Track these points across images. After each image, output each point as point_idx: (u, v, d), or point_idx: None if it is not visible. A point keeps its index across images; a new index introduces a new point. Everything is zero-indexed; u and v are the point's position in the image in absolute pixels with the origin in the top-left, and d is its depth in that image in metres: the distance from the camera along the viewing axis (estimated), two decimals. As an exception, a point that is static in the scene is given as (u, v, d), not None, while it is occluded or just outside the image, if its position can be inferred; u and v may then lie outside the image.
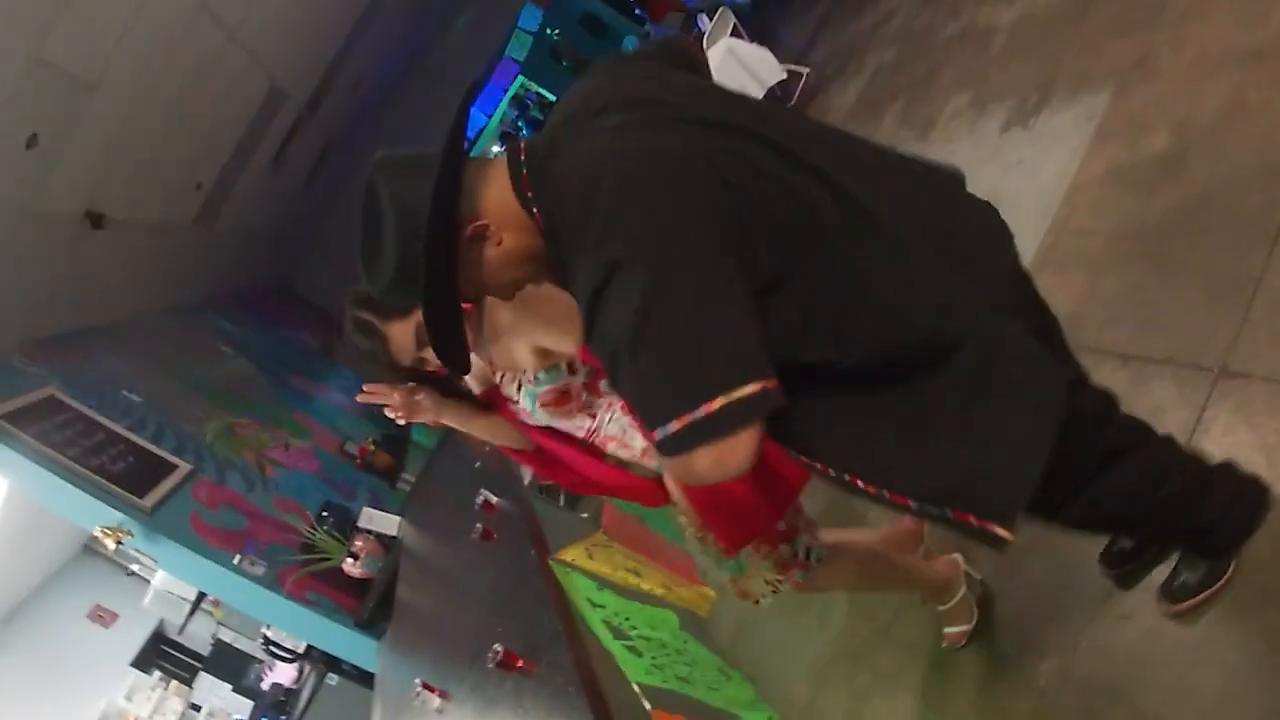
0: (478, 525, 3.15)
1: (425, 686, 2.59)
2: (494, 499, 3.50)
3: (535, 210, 1.46)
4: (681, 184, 1.33)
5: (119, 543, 4.30)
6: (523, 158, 1.48)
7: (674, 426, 1.25)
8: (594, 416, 2.36)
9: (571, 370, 2.32)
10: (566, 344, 2.23)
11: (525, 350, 2.28)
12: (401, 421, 2.37)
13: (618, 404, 2.37)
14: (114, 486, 4.45)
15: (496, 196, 1.48)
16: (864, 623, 3.47)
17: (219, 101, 6.20)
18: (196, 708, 7.69)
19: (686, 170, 1.34)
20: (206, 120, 6.21)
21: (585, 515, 5.57)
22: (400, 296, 1.56)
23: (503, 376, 2.37)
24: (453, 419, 2.41)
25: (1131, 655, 2.35)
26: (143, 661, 7.77)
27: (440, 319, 1.54)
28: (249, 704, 7.54)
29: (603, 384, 2.37)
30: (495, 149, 17.99)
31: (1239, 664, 2.04)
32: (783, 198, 1.38)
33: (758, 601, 2.40)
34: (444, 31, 12.24)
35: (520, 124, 17.80)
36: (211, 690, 7.69)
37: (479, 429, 2.45)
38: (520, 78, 15.81)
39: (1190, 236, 3.05)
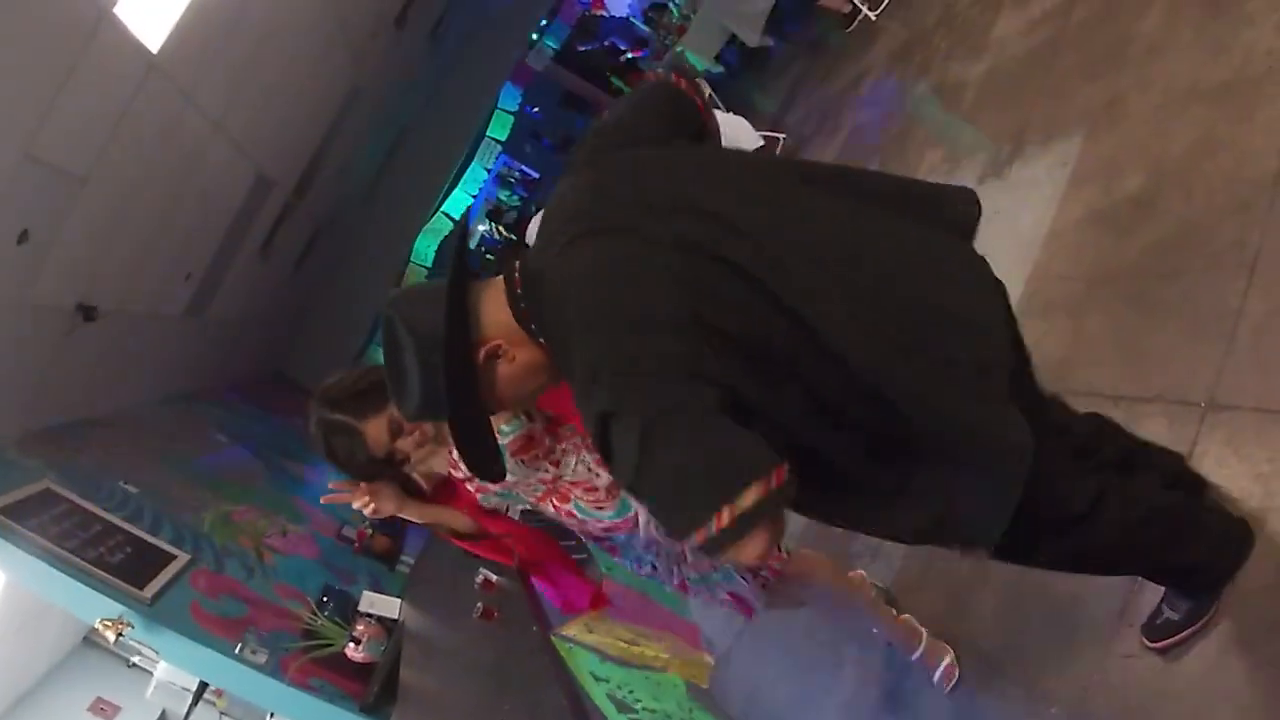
0: (478, 605, 3.15)
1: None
2: (493, 577, 3.50)
3: (540, 340, 1.57)
4: (646, 310, 1.43)
5: (120, 634, 4.25)
6: (518, 289, 1.58)
7: (697, 540, 1.33)
8: (557, 464, 2.48)
9: (530, 418, 2.47)
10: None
11: None
12: (368, 514, 2.45)
13: (582, 447, 2.50)
14: (113, 578, 4.41)
15: (502, 317, 1.58)
16: (872, 686, 3.45)
17: (207, 192, 6.28)
18: (201, 803, 7.54)
19: (652, 299, 1.44)
20: (195, 211, 6.28)
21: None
22: (430, 416, 1.71)
23: (459, 459, 2.42)
24: (413, 512, 2.51)
25: (1141, 694, 2.34)
26: (148, 756, 7.63)
27: (469, 434, 1.65)
28: (254, 796, 7.40)
29: (563, 429, 2.53)
30: (482, 228, 18.19)
31: (1248, 697, 2.04)
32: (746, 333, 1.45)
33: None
34: (428, 111, 12.40)
35: (504, 200, 18.01)
36: (216, 783, 7.55)
37: (434, 516, 2.58)
38: (503, 157, 16.06)
39: (1169, 274, 3.08)
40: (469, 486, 2.52)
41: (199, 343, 7.88)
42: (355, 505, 2.41)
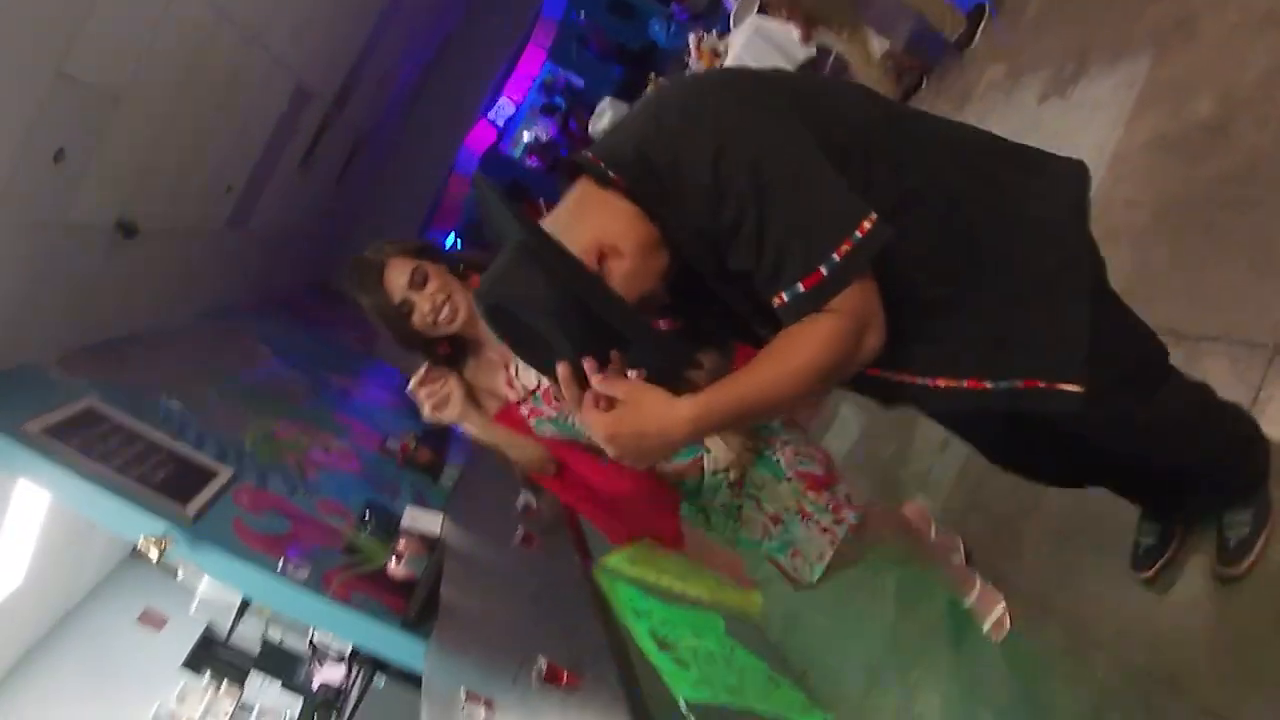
0: (519, 530, 3.12)
1: (470, 697, 2.55)
2: (534, 502, 3.47)
3: (612, 174, 1.47)
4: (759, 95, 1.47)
5: (163, 552, 4.31)
6: (599, 164, 1.50)
7: (816, 276, 1.37)
8: None
9: None
10: None
11: None
12: (428, 414, 2.31)
13: None
14: (156, 496, 4.46)
15: (591, 211, 1.50)
16: (912, 616, 3.41)
17: (245, 104, 6.19)
18: (247, 708, 7.74)
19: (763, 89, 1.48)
20: (234, 123, 6.20)
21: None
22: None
23: (517, 371, 2.31)
24: (476, 424, 2.34)
25: (1190, 643, 2.28)
26: (194, 663, 7.81)
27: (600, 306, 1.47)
28: (299, 700, 7.57)
29: None
30: (526, 135, 17.99)
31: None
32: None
33: (813, 567, 2.38)
34: (469, 19, 12.17)
35: (556, 101, 17.73)
36: (261, 689, 7.73)
37: (500, 438, 2.37)
38: (548, 64, 15.76)
39: (1240, 206, 2.94)
40: (522, 411, 2.35)
41: (241, 256, 7.88)
42: (419, 396, 2.29)
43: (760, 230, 1.38)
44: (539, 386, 2.26)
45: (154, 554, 4.26)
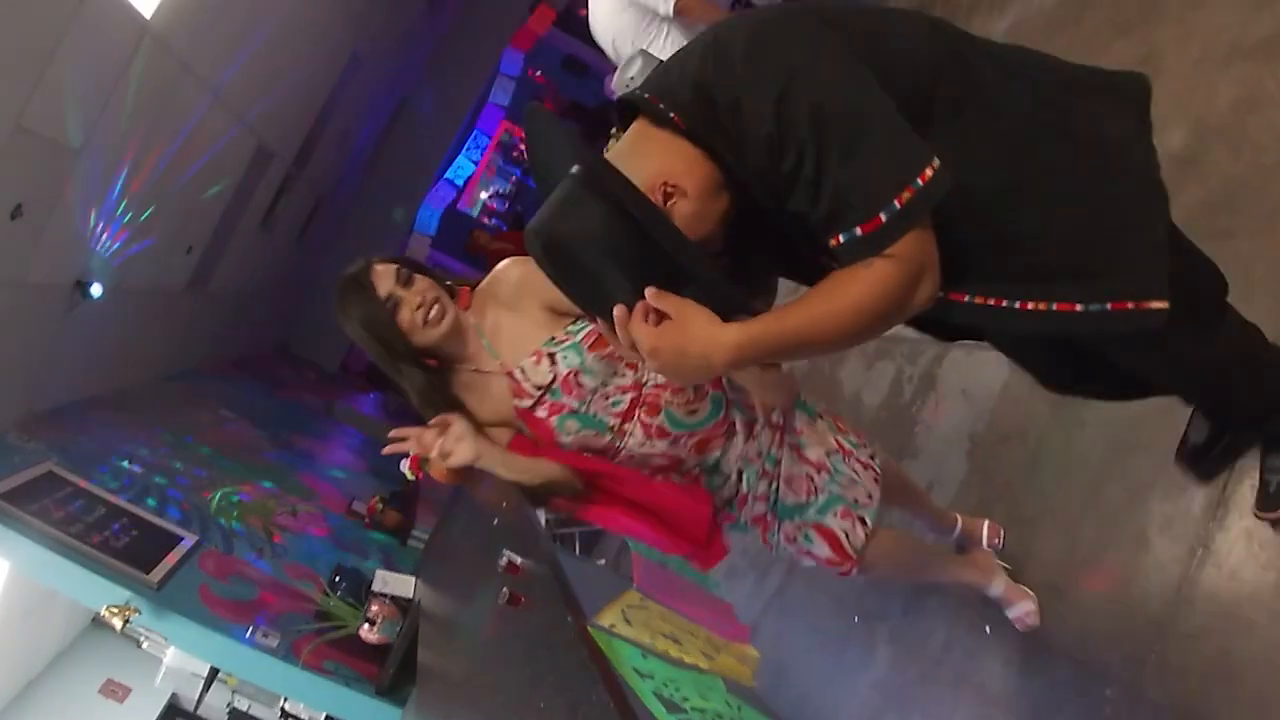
0: (503, 590, 2.99)
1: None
2: (518, 560, 3.34)
3: (672, 114, 1.47)
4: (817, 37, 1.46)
5: (126, 621, 4.16)
6: (657, 104, 1.49)
7: (875, 222, 1.36)
8: (635, 367, 2.24)
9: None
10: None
11: (537, 318, 2.24)
12: (442, 463, 2.17)
13: None
14: (118, 563, 4.31)
15: (653, 151, 1.50)
16: (910, 658, 3.34)
17: (207, 163, 6.12)
18: (213, 782, 7.49)
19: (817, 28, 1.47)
20: (195, 182, 6.13)
21: (602, 562, 5.43)
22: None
23: (524, 373, 2.22)
24: (493, 458, 2.18)
25: (1204, 674, 2.24)
26: (161, 734, 7.58)
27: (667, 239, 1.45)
28: (269, 774, 7.33)
29: None
30: (483, 194, 17.99)
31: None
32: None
33: (868, 511, 2.35)
34: (428, 79, 12.21)
35: (509, 168, 17.80)
36: (230, 763, 7.49)
37: (522, 467, 2.23)
38: (506, 123, 15.82)
39: (1218, 234, 2.95)
40: (539, 414, 2.21)
41: (201, 318, 7.76)
42: (429, 453, 2.14)
43: (819, 175, 1.38)
44: (554, 380, 2.19)
45: (117, 623, 4.10)
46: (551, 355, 2.21)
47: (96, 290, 5.14)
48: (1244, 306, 2.62)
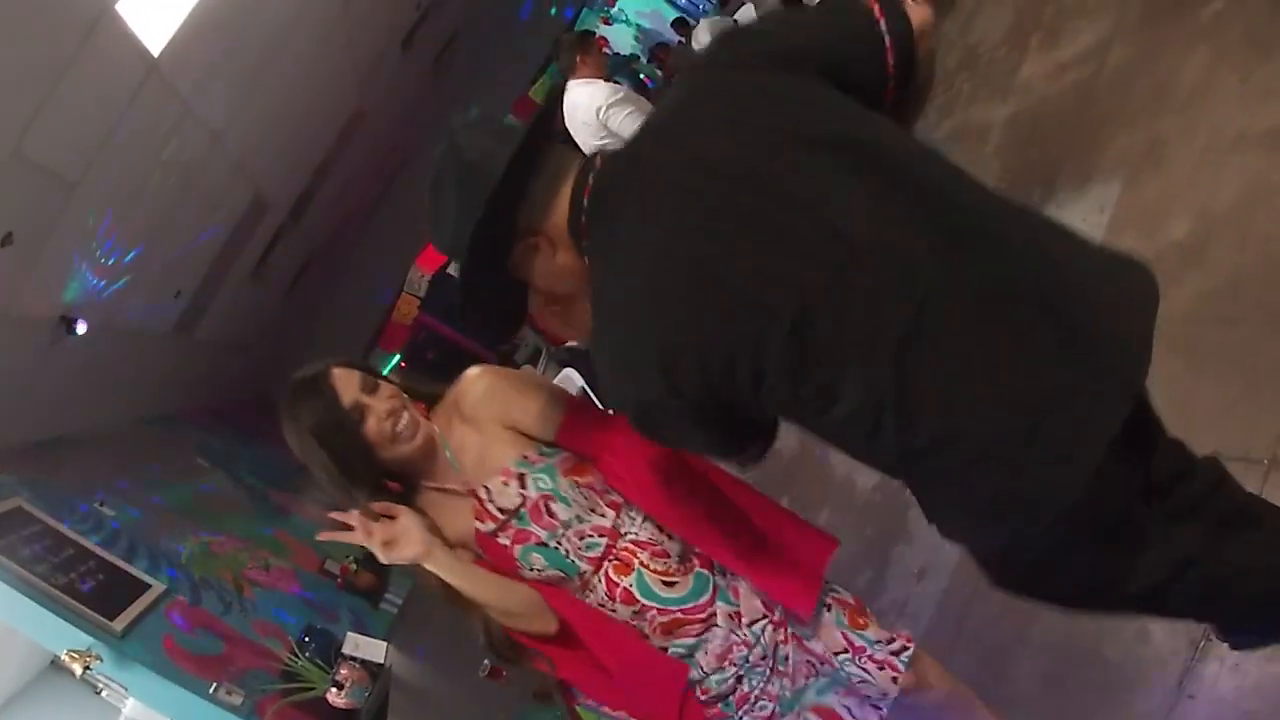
0: (485, 663, 2.90)
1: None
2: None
3: (585, 258, 1.48)
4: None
5: (87, 668, 4.00)
6: (586, 199, 1.44)
7: None
8: (616, 509, 1.95)
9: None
10: (536, 418, 1.98)
11: (504, 436, 1.98)
12: (380, 552, 1.84)
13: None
14: (83, 607, 4.16)
15: (558, 220, 1.49)
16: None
17: (202, 208, 6.11)
18: (165, 847, 7.19)
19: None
20: (189, 227, 6.10)
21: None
22: (455, 256, 1.54)
23: (489, 493, 1.94)
24: (446, 565, 1.85)
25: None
26: (113, 789, 7.29)
27: (480, 293, 1.59)
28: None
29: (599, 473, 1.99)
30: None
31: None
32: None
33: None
34: (429, 143, 12.31)
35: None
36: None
37: (485, 587, 1.88)
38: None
39: (1224, 324, 2.94)
40: (501, 540, 1.92)
41: (185, 363, 7.69)
42: (371, 543, 1.84)
43: None
44: (522, 504, 1.91)
45: (77, 669, 3.95)
46: (521, 476, 1.94)
47: (81, 327, 5.07)
48: (1256, 395, 2.60)
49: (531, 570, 1.90)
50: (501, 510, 1.91)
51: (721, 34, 1.58)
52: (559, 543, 1.90)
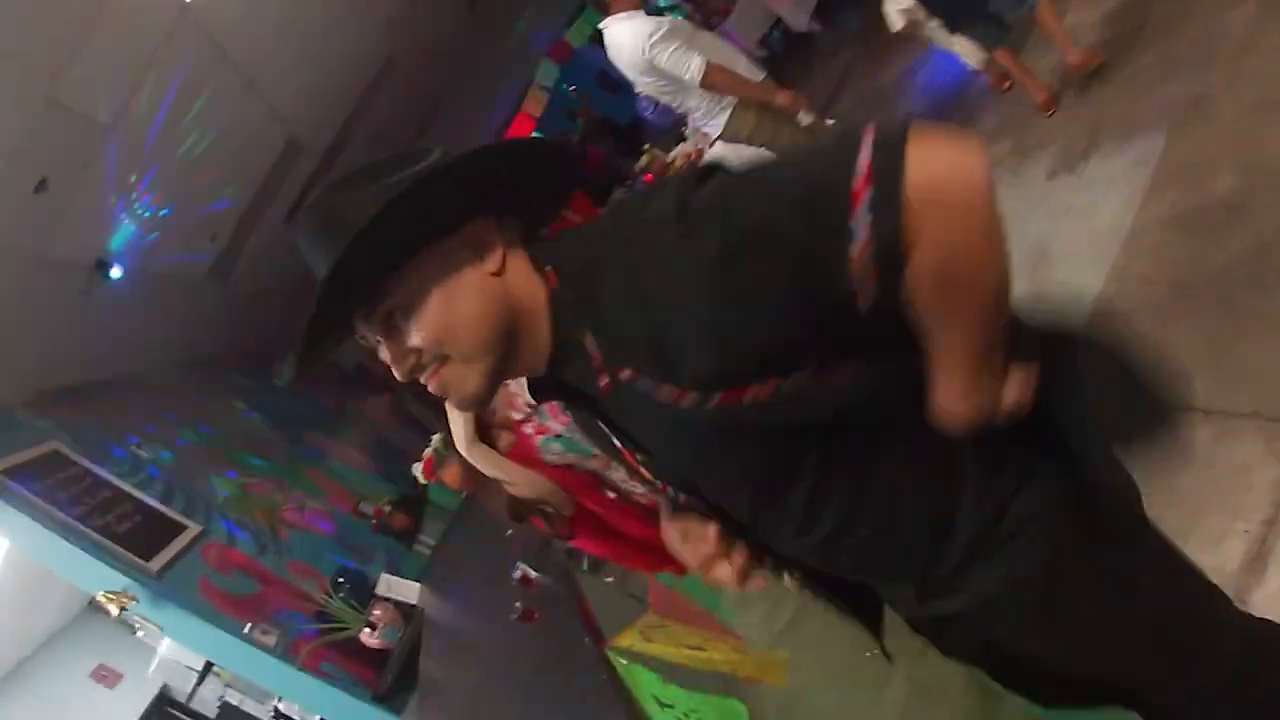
0: (516, 604, 2.92)
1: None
2: (532, 574, 3.28)
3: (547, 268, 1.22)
4: None
5: (123, 609, 4.08)
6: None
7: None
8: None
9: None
10: None
11: None
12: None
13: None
14: (119, 548, 4.23)
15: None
16: (919, 702, 3.24)
17: (236, 151, 6.09)
18: (200, 778, 7.41)
19: None
20: (223, 170, 6.09)
21: (610, 579, 5.34)
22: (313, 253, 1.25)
23: (519, 389, 2.16)
24: (481, 457, 2.17)
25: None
26: (148, 726, 7.49)
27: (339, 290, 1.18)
28: (255, 775, 7.24)
29: None
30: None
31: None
32: None
33: None
34: (462, 82, 12.20)
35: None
36: (218, 760, 7.40)
37: (508, 472, 2.17)
38: (537, 134, 15.81)
39: (1264, 282, 2.88)
40: (526, 429, 2.15)
41: (222, 307, 7.70)
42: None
43: None
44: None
45: (113, 610, 4.03)
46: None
47: (116, 271, 5.10)
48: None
49: (550, 455, 2.13)
50: (528, 404, 2.13)
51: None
52: (573, 434, 2.10)
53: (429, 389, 1.25)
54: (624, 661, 2.15)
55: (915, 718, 3.18)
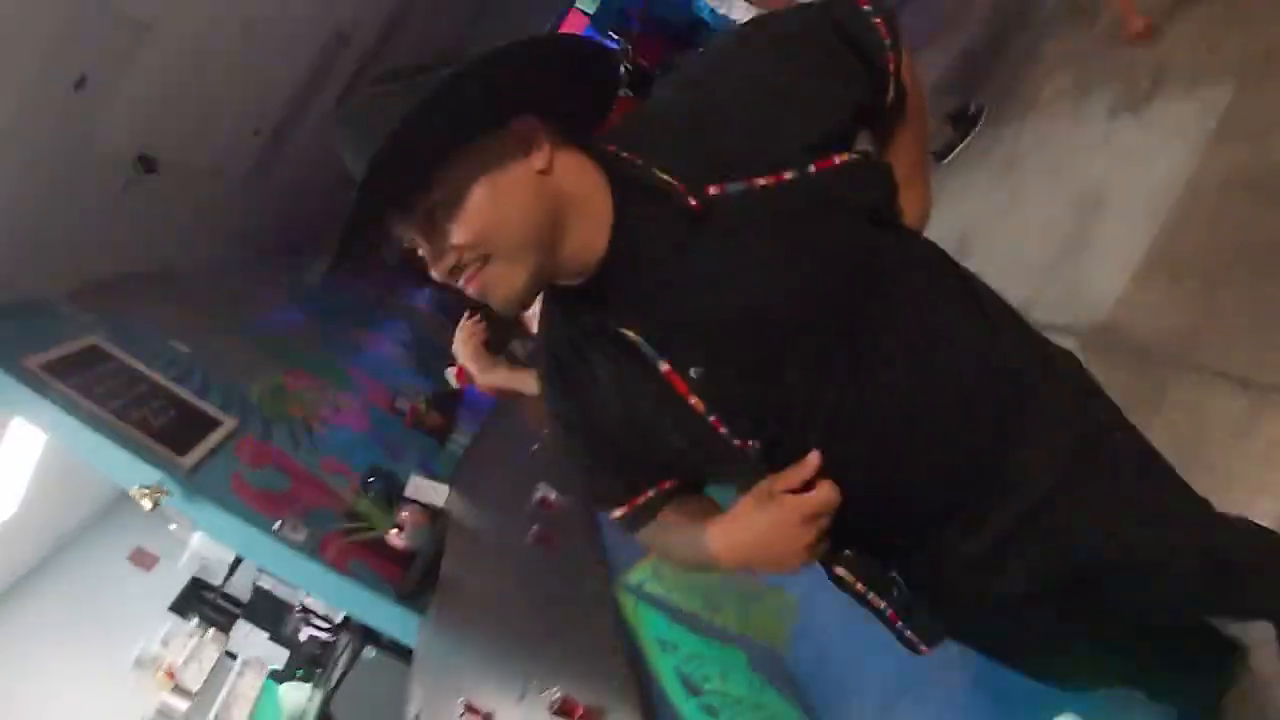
0: (534, 526, 2.94)
1: (469, 709, 2.38)
2: (553, 495, 3.28)
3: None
4: None
5: (156, 503, 4.17)
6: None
7: None
8: None
9: None
10: None
11: None
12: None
13: None
14: (153, 443, 4.31)
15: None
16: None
17: (281, 45, 6.00)
18: (232, 656, 7.63)
19: None
20: (268, 64, 6.01)
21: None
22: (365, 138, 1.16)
23: None
24: (492, 373, 2.24)
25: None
26: (182, 606, 7.71)
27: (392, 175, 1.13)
28: (285, 653, 7.45)
29: None
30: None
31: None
32: None
33: None
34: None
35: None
36: (248, 638, 7.60)
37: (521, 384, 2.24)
38: (590, 30, 15.45)
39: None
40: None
41: (264, 201, 7.68)
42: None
43: None
44: None
45: (147, 504, 4.12)
46: None
47: (158, 166, 5.08)
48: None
49: None
50: None
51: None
52: None
53: (467, 291, 1.25)
54: (633, 601, 2.16)
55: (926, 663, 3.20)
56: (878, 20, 1.31)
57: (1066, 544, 1.36)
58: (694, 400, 1.26)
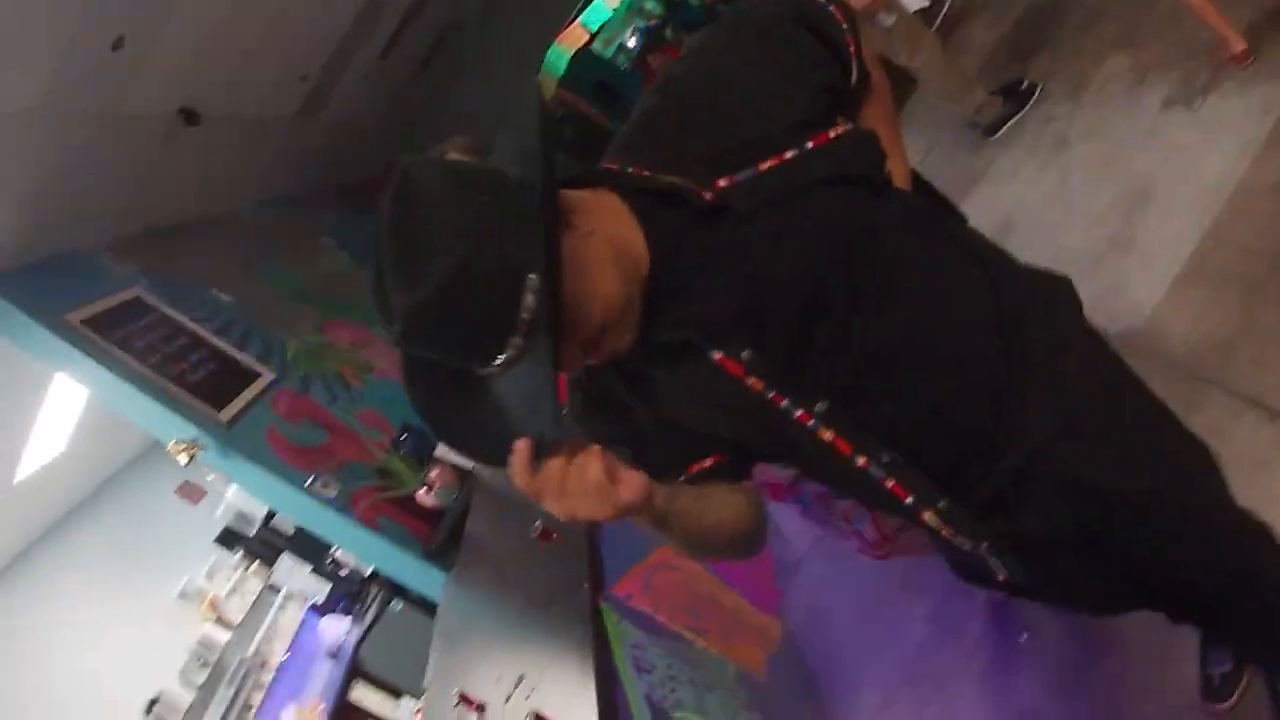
0: (537, 523, 2.98)
1: (464, 699, 2.45)
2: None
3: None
4: None
5: (192, 458, 4.26)
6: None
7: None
8: None
9: None
10: None
11: None
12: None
13: None
14: (192, 398, 4.38)
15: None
16: (942, 641, 3.27)
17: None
18: (275, 589, 7.78)
19: None
20: (313, 8, 5.95)
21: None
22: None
23: None
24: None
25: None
26: (226, 540, 7.86)
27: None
28: (327, 585, 7.59)
29: None
30: (630, 42, 17.23)
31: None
32: None
33: None
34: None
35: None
36: (291, 572, 7.75)
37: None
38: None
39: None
40: None
41: (311, 146, 7.67)
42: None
43: None
44: None
45: (183, 460, 4.22)
46: None
47: (202, 117, 5.09)
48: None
49: None
50: None
51: None
52: None
53: (597, 364, 1.36)
54: (615, 617, 2.19)
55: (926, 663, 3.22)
56: (833, 9, 1.48)
57: (1074, 488, 1.42)
58: (751, 381, 1.33)
